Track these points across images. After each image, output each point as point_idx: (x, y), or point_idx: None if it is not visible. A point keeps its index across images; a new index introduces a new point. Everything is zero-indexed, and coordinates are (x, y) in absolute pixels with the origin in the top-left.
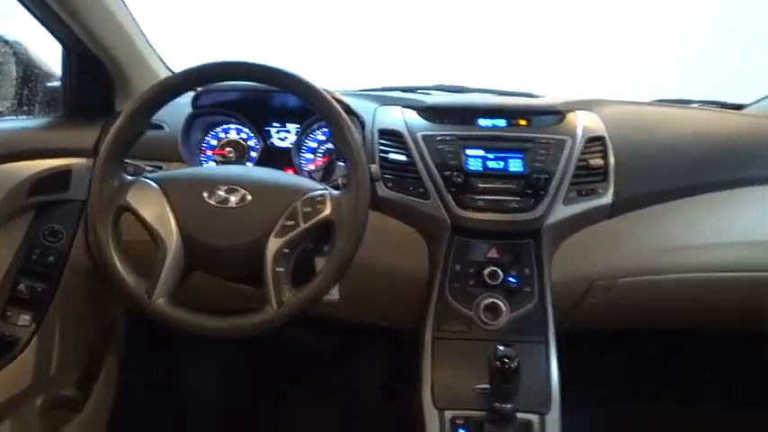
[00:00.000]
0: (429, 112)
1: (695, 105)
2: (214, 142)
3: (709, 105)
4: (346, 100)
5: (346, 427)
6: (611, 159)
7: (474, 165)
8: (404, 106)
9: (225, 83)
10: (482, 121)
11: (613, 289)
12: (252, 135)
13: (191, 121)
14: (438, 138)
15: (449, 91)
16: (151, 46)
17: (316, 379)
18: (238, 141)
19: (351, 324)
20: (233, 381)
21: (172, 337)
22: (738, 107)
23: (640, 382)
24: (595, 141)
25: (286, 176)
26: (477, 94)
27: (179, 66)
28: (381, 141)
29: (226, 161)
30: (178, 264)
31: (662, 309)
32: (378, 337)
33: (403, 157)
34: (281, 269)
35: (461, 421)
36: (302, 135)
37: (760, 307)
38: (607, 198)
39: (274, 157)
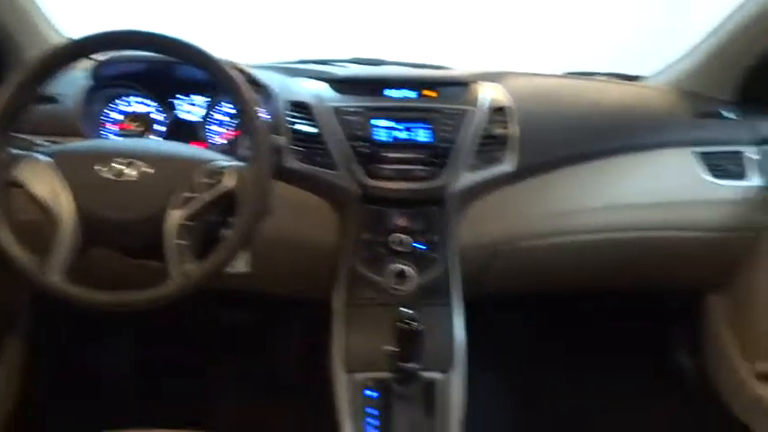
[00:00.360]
0: (338, 83)
1: (599, 78)
2: (117, 116)
3: (611, 78)
4: (254, 72)
5: (265, 401)
6: (514, 129)
7: (382, 135)
8: (314, 78)
9: (127, 53)
10: (390, 93)
11: (516, 253)
12: (157, 108)
13: (90, 93)
14: (346, 109)
15: (364, 63)
16: (44, 12)
17: (234, 354)
18: (143, 115)
19: (268, 298)
20: (150, 360)
21: (83, 319)
22: (637, 78)
23: (545, 345)
24: (499, 112)
25: (185, 148)
26: (390, 66)
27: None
28: (290, 113)
29: (130, 135)
30: (74, 240)
31: (563, 271)
32: (296, 310)
33: (312, 129)
34: (183, 242)
35: (370, 382)
36: (210, 108)
37: (651, 266)
38: (509, 166)
39: (182, 131)
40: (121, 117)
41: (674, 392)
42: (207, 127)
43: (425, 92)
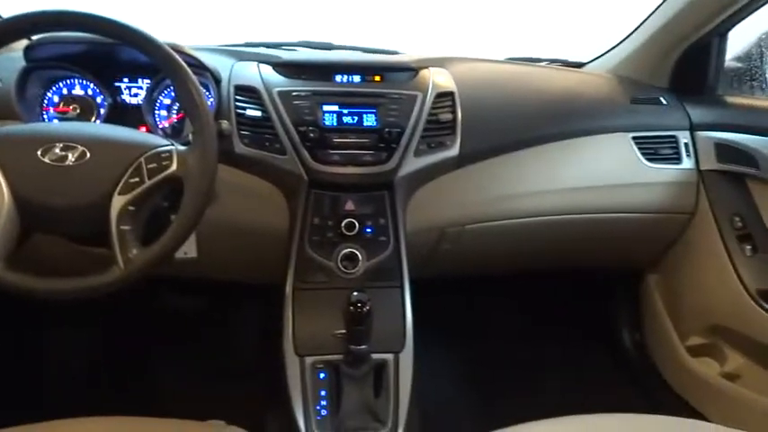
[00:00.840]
0: (285, 67)
1: (542, 64)
2: (57, 99)
3: (554, 64)
4: (199, 55)
5: (218, 386)
6: (459, 114)
7: (329, 120)
8: (261, 62)
9: (64, 34)
10: (338, 77)
11: (463, 235)
12: (99, 91)
13: (26, 75)
14: (294, 93)
15: (313, 47)
16: None
17: (187, 340)
18: (82, 98)
19: (221, 284)
20: (101, 348)
21: (33, 311)
22: (579, 65)
23: (492, 324)
24: (445, 97)
25: (128, 132)
26: (340, 51)
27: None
28: (237, 97)
29: (67, 119)
30: (12, 227)
31: (508, 253)
32: (250, 296)
33: (259, 113)
34: (127, 227)
35: (321, 365)
36: (154, 91)
37: (591, 247)
38: (454, 150)
39: (125, 115)
40: (58, 99)
41: (617, 367)
42: (152, 111)
43: (373, 77)
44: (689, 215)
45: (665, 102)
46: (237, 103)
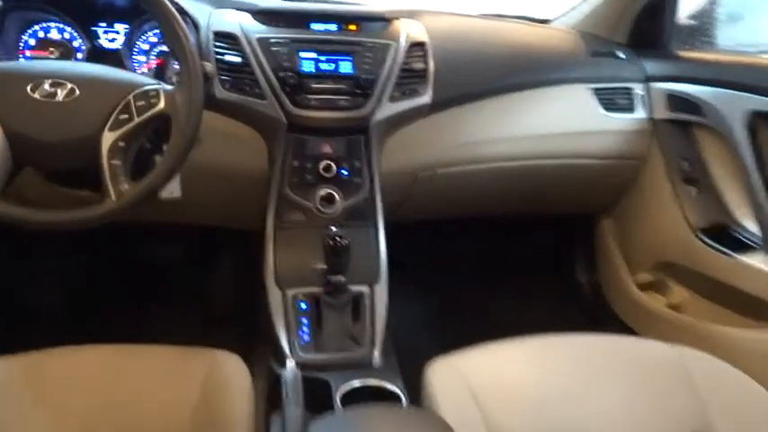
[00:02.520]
0: (263, 15)
1: (510, 19)
2: (33, 42)
3: (521, 20)
4: (179, 1)
5: (203, 330)
6: (431, 63)
7: (307, 66)
8: (238, 9)
9: None
10: (315, 26)
11: (435, 179)
12: (76, 35)
13: (2, 15)
14: (272, 40)
15: None
16: None
17: (172, 285)
18: (62, 42)
19: (201, 228)
20: (83, 292)
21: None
22: (545, 22)
23: (460, 264)
24: (418, 47)
25: (116, 71)
26: (311, 2)
27: None
28: (217, 44)
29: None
30: (3, 160)
31: (476, 196)
32: (231, 242)
33: (239, 59)
34: (118, 162)
35: (302, 296)
36: (132, 36)
37: (552, 191)
38: (427, 98)
39: (103, 60)
40: (35, 42)
41: (571, 302)
42: (130, 56)
43: (348, 26)
44: (641, 161)
45: (622, 56)
46: (217, 50)
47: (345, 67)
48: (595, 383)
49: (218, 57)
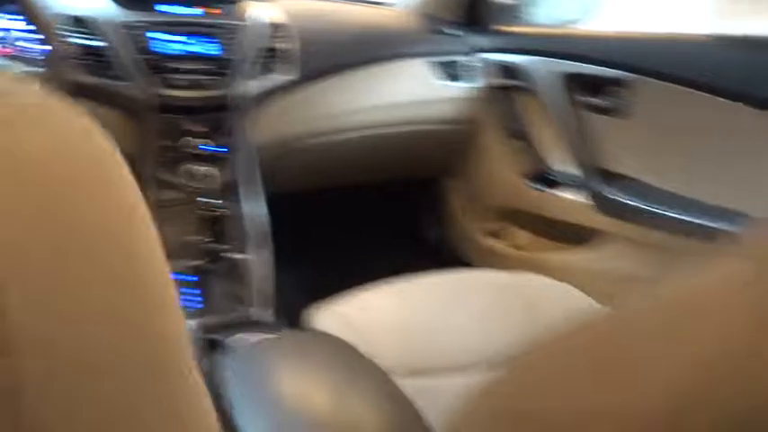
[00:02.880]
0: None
1: (357, 3)
2: None
3: (369, 4)
4: None
5: None
6: (292, 43)
7: (170, 48)
8: None
9: None
10: (164, 8)
11: (305, 150)
12: None
13: None
14: (132, 23)
15: None
16: None
17: None
18: None
19: None
20: None
21: None
22: (390, 5)
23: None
24: (279, 28)
25: None
26: None
27: None
28: (74, 28)
29: None
30: None
31: (339, 166)
32: None
33: (99, 43)
34: None
35: (187, 270)
36: None
37: (400, 158)
38: (291, 75)
39: None
40: None
41: (424, 256)
42: None
43: (207, 10)
44: (476, 124)
45: (456, 33)
46: (75, 34)
47: (211, 48)
48: (455, 311)
49: (77, 42)
